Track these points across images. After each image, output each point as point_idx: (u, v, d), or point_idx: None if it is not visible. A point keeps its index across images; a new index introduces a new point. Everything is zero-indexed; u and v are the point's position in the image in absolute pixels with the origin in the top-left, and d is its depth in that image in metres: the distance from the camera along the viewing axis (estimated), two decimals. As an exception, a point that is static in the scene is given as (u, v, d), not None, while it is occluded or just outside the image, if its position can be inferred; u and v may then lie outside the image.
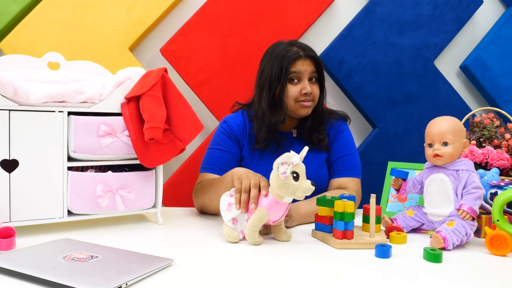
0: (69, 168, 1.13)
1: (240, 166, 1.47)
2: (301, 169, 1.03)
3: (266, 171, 1.14)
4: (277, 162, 1.02)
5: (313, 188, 1.03)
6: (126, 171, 1.22)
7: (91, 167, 1.20)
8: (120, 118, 1.17)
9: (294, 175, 1.02)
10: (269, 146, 1.43)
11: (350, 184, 1.44)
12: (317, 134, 1.46)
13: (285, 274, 0.87)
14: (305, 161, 1.44)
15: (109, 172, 1.17)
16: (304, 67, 1.40)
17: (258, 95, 1.44)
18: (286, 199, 1.05)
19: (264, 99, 1.41)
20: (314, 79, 1.43)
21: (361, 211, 1.19)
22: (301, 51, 1.41)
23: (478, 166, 1.53)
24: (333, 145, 1.49)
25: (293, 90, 1.40)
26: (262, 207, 1.05)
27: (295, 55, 1.39)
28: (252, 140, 1.45)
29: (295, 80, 1.40)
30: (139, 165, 1.21)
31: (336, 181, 1.45)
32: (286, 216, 1.21)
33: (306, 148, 1.07)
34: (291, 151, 1.04)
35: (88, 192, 1.13)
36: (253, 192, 1.08)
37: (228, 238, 1.08)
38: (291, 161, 1.02)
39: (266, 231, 1.15)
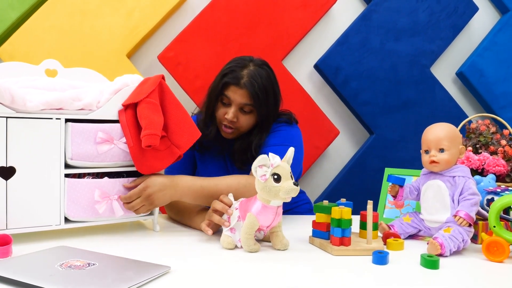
0: (66, 175, 1.13)
1: (192, 169, 1.49)
2: (283, 170, 1.02)
3: (215, 172, 1.16)
4: (254, 165, 1.01)
5: (296, 188, 1.01)
6: (123, 177, 1.22)
7: (88, 174, 1.20)
8: (118, 125, 1.17)
9: (275, 177, 1.01)
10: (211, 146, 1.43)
11: None
12: (240, 162, 1.38)
13: (282, 281, 0.87)
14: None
15: (106, 178, 1.17)
16: (235, 95, 1.35)
17: (204, 100, 1.46)
18: (273, 203, 1.04)
19: (203, 106, 1.43)
20: (248, 111, 1.37)
21: (358, 217, 1.19)
22: (244, 78, 1.34)
23: (474, 172, 1.53)
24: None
25: (219, 110, 1.38)
26: (251, 213, 1.05)
27: (232, 80, 1.34)
28: (197, 145, 1.44)
29: (226, 103, 1.37)
30: (136, 172, 1.21)
31: None
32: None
33: (292, 149, 1.06)
34: (270, 153, 1.03)
35: (85, 199, 1.13)
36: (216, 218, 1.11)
37: (223, 243, 1.08)
38: (270, 163, 1.01)
39: (267, 238, 1.15)
